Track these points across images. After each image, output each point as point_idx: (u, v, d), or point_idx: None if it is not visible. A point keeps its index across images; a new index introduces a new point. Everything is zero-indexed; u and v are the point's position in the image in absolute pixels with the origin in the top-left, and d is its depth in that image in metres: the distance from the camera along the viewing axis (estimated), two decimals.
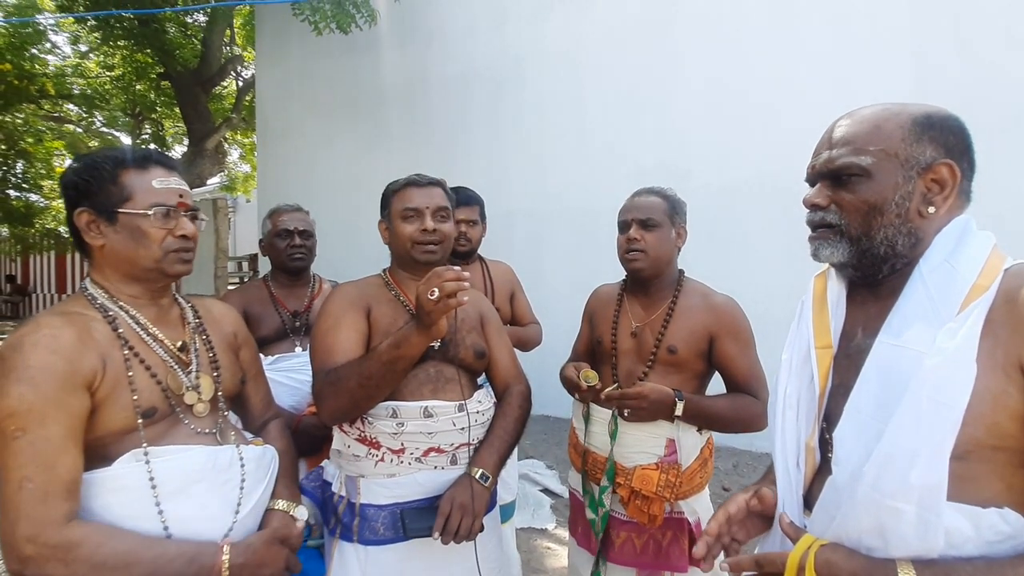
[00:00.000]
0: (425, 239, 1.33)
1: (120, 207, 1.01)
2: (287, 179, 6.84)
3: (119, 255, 1.03)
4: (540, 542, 2.98)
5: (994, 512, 0.68)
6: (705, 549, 0.94)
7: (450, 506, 1.20)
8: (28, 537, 0.84)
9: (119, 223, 1.02)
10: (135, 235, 1.02)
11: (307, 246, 2.01)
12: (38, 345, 0.90)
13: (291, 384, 1.76)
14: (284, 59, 6.94)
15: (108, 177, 1.02)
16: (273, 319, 1.91)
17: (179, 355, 1.09)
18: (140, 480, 0.94)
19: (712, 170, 4.41)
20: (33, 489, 0.85)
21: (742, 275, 4.18)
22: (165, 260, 1.04)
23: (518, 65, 5.31)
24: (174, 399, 1.04)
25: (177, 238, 1.05)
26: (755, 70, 4.28)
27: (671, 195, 1.58)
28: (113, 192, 1.02)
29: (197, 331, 1.16)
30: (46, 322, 0.95)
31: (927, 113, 0.82)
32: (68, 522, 0.87)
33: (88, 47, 11.00)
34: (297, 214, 2.05)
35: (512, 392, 1.43)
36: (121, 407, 0.97)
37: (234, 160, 14.04)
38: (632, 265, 1.54)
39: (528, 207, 5.19)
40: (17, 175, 10.57)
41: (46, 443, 0.87)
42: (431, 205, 1.34)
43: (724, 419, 1.49)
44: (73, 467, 0.90)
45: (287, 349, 1.87)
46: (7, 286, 15.73)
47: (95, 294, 1.05)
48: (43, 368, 0.89)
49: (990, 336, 0.70)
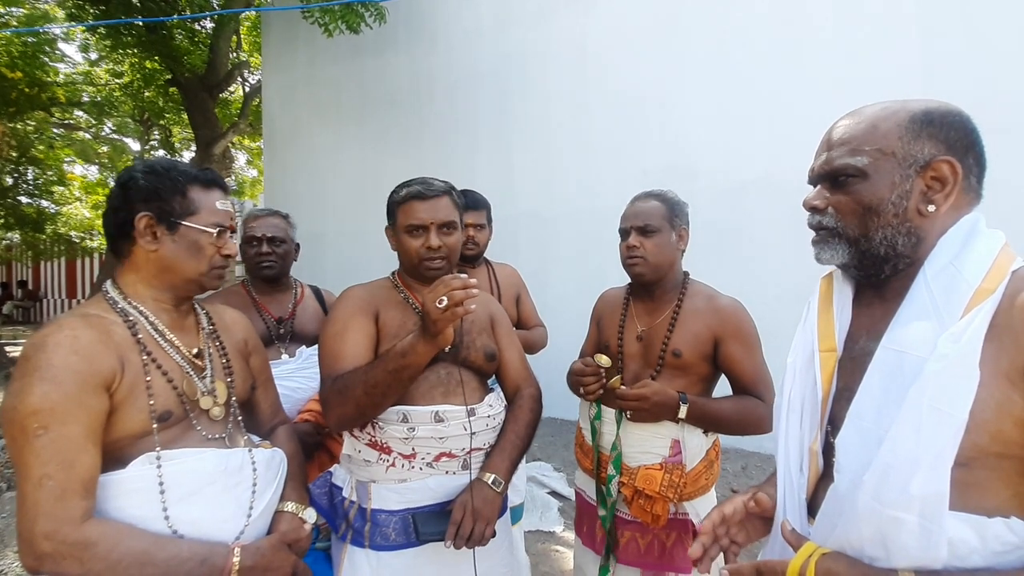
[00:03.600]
0: (430, 255, 1.32)
1: (185, 219, 1.06)
2: (294, 183, 6.89)
3: (168, 263, 1.07)
4: (548, 544, 2.98)
5: (1000, 522, 0.66)
6: (701, 549, 0.93)
7: (463, 512, 1.20)
8: (46, 534, 0.85)
9: (179, 233, 1.06)
10: (192, 248, 1.07)
11: (277, 253, 1.90)
12: (60, 345, 0.92)
13: (281, 392, 1.67)
14: (290, 64, 6.99)
15: (179, 189, 1.07)
16: (257, 325, 1.80)
17: (194, 361, 1.11)
18: (152, 483, 0.96)
19: (719, 171, 4.40)
20: (53, 486, 0.87)
21: (749, 276, 4.17)
22: (209, 275, 1.11)
23: (523, 67, 5.32)
24: (188, 404, 1.06)
25: (223, 256, 1.12)
26: (761, 70, 4.27)
27: (671, 198, 1.57)
28: (181, 203, 1.06)
29: (211, 337, 1.18)
30: (68, 323, 0.96)
31: (926, 109, 0.80)
32: (85, 520, 0.88)
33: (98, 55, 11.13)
34: (269, 220, 1.94)
35: (523, 395, 1.42)
36: (138, 410, 0.98)
37: (241, 165, 14.14)
38: (633, 271, 1.55)
39: (534, 209, 5.20)
40: (28, 182, 10.69)
41: (67, 441, 0.89)
42: (436, 220, 1.31)
43: (729, 421, 1.48)
44: (92, 466, 0.91)
45: (273, 356, 1.79)
46: (19, 291, 15.91)
47: (116, 298, 1.07)
48: (65, 368, 0.91)
49: (994, 341, 0.68)
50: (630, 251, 1.53)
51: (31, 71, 8.32)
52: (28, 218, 10.33)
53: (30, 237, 11.36)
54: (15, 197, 10.25)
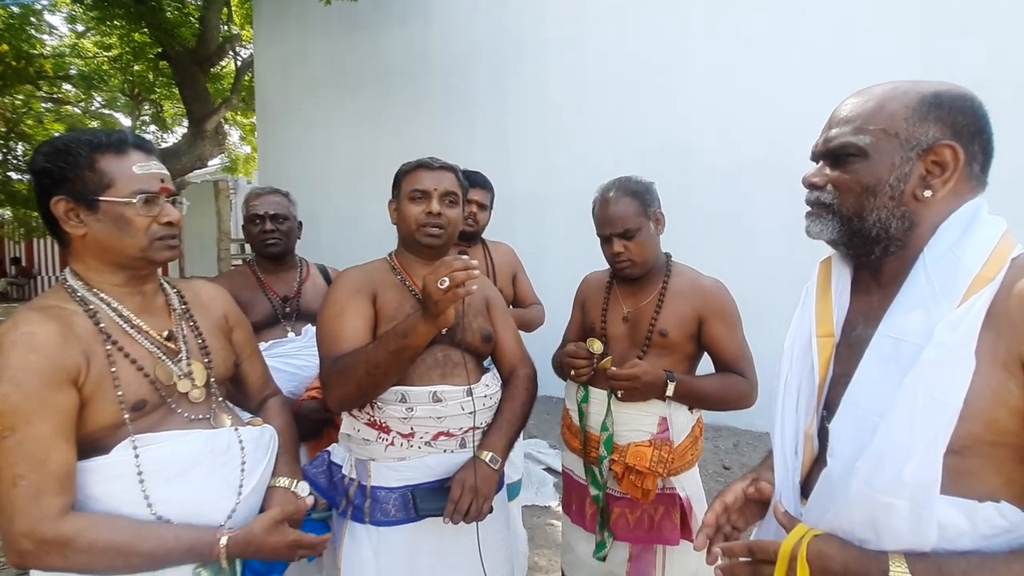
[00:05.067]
0: (430, 221, 1.33)
1: (101, 194, 0.97)
2: (288, 160, 6.80)
3: (102, 244, 0.99)
4: (543, 518, 3.06)
5: (990, 506, 0.67)
6: (705, 541, 0.95)
7: (461, 489, 1.23)
8: (23, 533, 0.86)
9: (101, 211, 0.98)
10: (119, 223, 0.98)
11: (280, 230, 1.92)
12: (16, 344, 0.89)
13: (288, 370, 1.73)
14: (283, 38, 6.84)
15: (84, 163, 0.97)
16: (263, 305, 1.86)
17: (167, 344, 1.07)
18: (132, 469, 0.95)
19: (716, 151, 4.37)
20: (26, 486, 0.86)
21: (745, 258, 4.18)
22: (152, 248, 1.02)
23: (520, 44, 5.22)
24: (164, 389, 1.03)
25: (162, 225, 1.02)
26: (760, 50, 4.20)
27: (638, 188, 1.54)
28: (91, 179, 0.97)
29: (184, 318, 1.14)
30: (24, 318, 0.92)
31: (936, 92, 0.78)
32: (62, 516, 0.87)
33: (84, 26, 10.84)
34: (270, 197, 1.96)
35: (519, 375, 1.45)
36: (108, 402, 0.96)
37: (234, 141, 13.93)
38: (624, 273, 1.55)
39: (530, 189, 5.16)
40: (18, 157, 10.51)
41: (35, 442, 0.87)
42: (439, 188, 1.34)
43: (713, 398, 1.53)
44: (65, 462, 0.90)
45: (279, 335, 1.83)
46: (12, 269, 15.80)
47: (75, 286, 1.01)
48: (24, 367, 0.88)
49: (992, 329, 0.68)
50: (616, 257, 1.53)
51: (17, 43, 8.11)
52: (19, 195, 10.19)
53: (21, 214, 11.22)
54: (5, 173, 10.09)
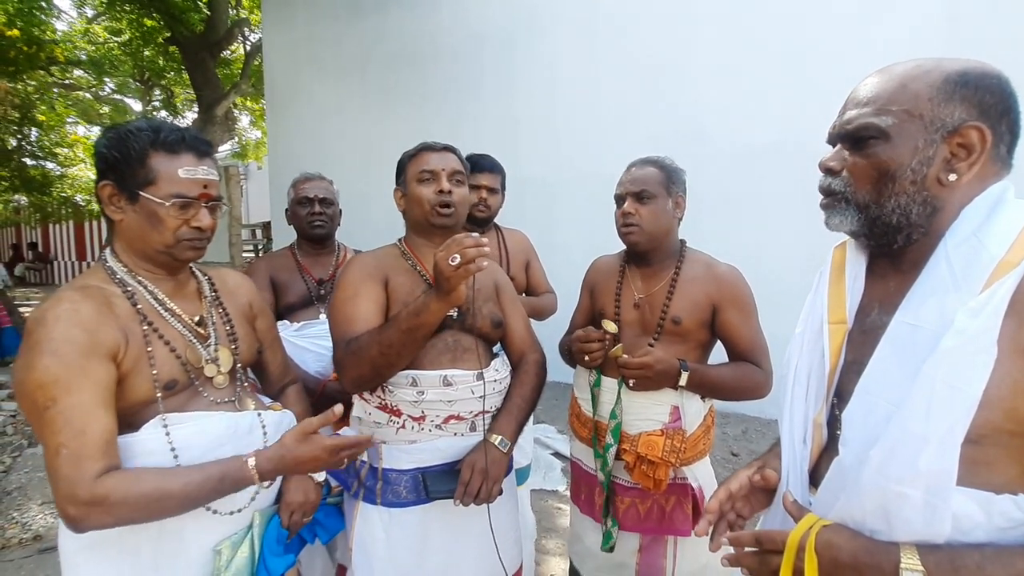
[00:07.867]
0: (442, 200, 1.33)
1: (143, 189, 1.02)
2: (298, 144, 6.81)
3: (135, 233, 1.05)
4: (551, 503, 3.08)
5: (1008, 498, 0.65)
6: (707, 527, 0.94)
7: (471, 472, 1.25)
8: (66, 497, 0.90)
9: (139, 204, 1.03)
10: (152, 219, 1.03)
11: (327, 214, 2.03)
12: (59, 319, 0.94)
13: (317, 350, 1.82)
14: (291, 22, 6.80)
15: (136, 156, 1.02)
16: (299, 286, 1.96)
17: (197, 329, 1.12)
18: (162, 445, 1.00)
19: (728, 135, 4.31)
20: (68, 454, 0.90)
21: (758, 243, 4.14)
22: (177, 247, 1.06)
23: (530, 28, 5.15)
24: (193, 372, 1.08)
25: (192, 228, 1.06)
26: (776, 29, 4.11)
27: (668, 164, 1.54)
28: (139, 172, 1.02)
29: (214, 304, 1.18)
30: (67, 296, 0.98)
31: (963, 70, 0.73)
32: (98, 478, 0.91)
33: (94, 11, 10.85)
34: (319, 182, 2.08)
35: (528, 361, 1.45)
36: (143, 379, 1.01)
37: (244, 126, 13.94)
38: (628, 239, 1.53)
39: (541, 174, 5.12)
40: (32, 143, 10.60)
41: (75, 410, 0.91)
42: (447, 168, 1.35)
43: (727, 387, 1.51)
44: (105, 429, 0.93)
45: (312, 316, 1.92)
46: (29, 254, 16.05)
47: (115, 267, 1.07)
48: (65, 340, 0.92)
49: (1015, 316, 0.64)
50: (625, 218, 1.51)
51: (28, 28, 8.14)
52: (34, 181, 10.30)
53: (37, 199, 11.36)
54: (19, 159, 10.19)
